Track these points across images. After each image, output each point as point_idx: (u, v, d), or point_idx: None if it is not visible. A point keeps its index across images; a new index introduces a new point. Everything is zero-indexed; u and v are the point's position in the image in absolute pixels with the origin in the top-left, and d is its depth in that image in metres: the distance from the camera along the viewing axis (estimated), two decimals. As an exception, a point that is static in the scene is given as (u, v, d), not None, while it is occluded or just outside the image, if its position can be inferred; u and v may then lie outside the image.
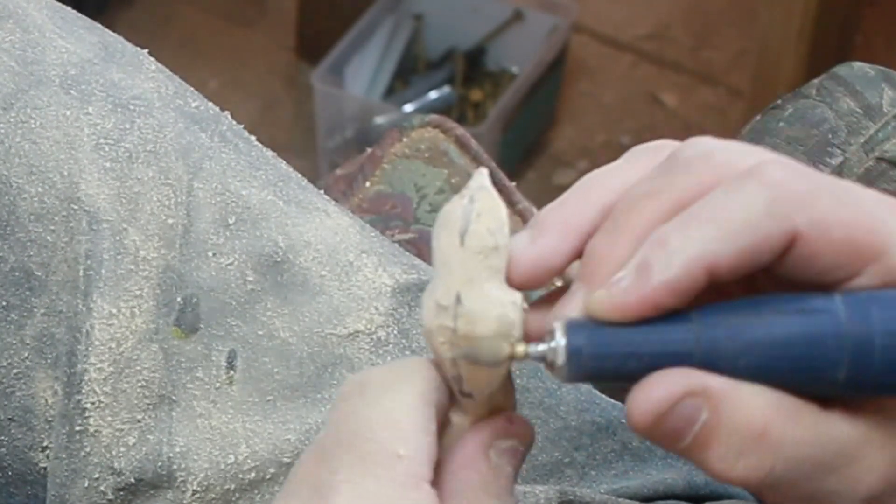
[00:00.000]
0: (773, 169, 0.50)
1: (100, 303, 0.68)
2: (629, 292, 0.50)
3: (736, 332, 0.50)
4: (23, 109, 0.70)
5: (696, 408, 0.49)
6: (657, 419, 0.49)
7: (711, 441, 0.50)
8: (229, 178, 0.72)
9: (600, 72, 2.17)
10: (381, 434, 0.50)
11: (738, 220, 0.50)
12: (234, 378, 0.70)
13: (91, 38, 0.74)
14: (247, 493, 0.70)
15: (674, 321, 0.50)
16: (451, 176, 0.99)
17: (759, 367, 0.50)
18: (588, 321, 0.51)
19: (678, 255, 0.49)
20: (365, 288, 0.72)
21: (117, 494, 0.69)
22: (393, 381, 0.52)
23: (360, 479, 0.50)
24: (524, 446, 0.53)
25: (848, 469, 0.50)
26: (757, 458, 0.50)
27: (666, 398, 0.49)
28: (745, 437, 0.49)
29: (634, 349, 0.50)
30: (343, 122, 2.03)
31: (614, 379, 0.51)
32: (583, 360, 0.50)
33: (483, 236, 0.52)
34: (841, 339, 0.50)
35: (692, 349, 0.50)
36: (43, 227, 0.69)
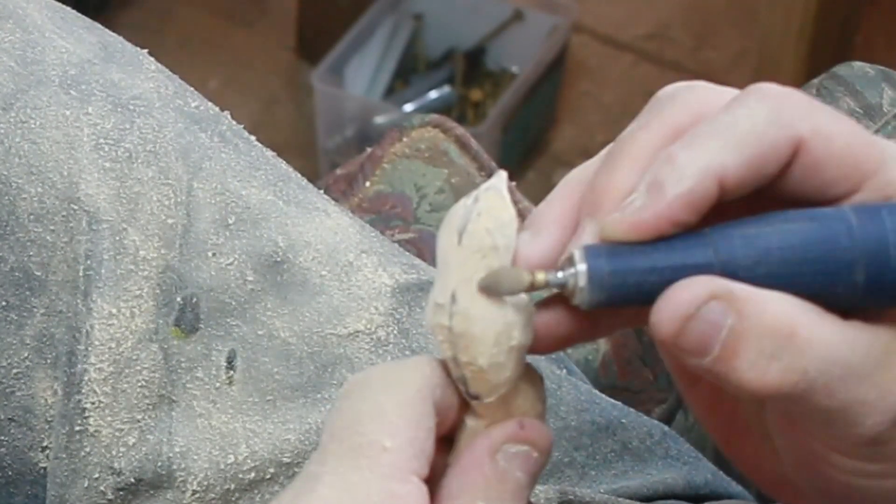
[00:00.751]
0: (770, 86, 0.51)
1: (99, 303, 0.68)
2: (644, 210, 0.50)
3: (752, 241, 0.50)
4: (23, 109, 0.70)
5: (722, 312, 0.49)
6: (682, 325, 0.49)
7: (740, 347, 0.49)
8: (229, 178, 0.71)
9: (600, 72, 2.17)
10: (369, 427, 0.50)
11: (744, 131, 0.50)
12: (234, 378, 0.70)
13: (91, 38, 0.74)
14: (247, 493, 0.70)
15: (689, 236, 0.50)
16: (451, 176, 0.99)
17: (777, 275, 0.50)
18: (603, 246, 0.51)
19: (689, 168, 0.50)
20: (365, 288, 0.72)
21: (117, 494, 0.69)
22: (391, 377, 0.52)
23: (345, 471, 0.50)
24: (538, 452, 0.52)
25: (877, 376, 0.50)
26: (789, 360, 0.49)
27: (691, 301, 0.49)
28: (775, 339, 0.49)
29: (654, 264, 0.50)
30: (343, 122, 2.03)
31: (636, 298, 0.51)
32: (604, 279, 0.50)
33: (481, 236, 0.52)
34: (854, 239, 0.50)
35: (711, 260, 0.50)
36: (43, 227, 0.69)
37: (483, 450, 0.52)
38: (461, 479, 0.51)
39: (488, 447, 0.52)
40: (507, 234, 0.52)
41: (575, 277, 0.51)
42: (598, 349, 0.97)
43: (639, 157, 0.52)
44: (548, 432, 0.53)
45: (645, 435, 0.77)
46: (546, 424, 0.53)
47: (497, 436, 0.52)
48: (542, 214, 0.53)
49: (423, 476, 0.50)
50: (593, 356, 0.97)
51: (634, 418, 0.77)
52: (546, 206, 0.54)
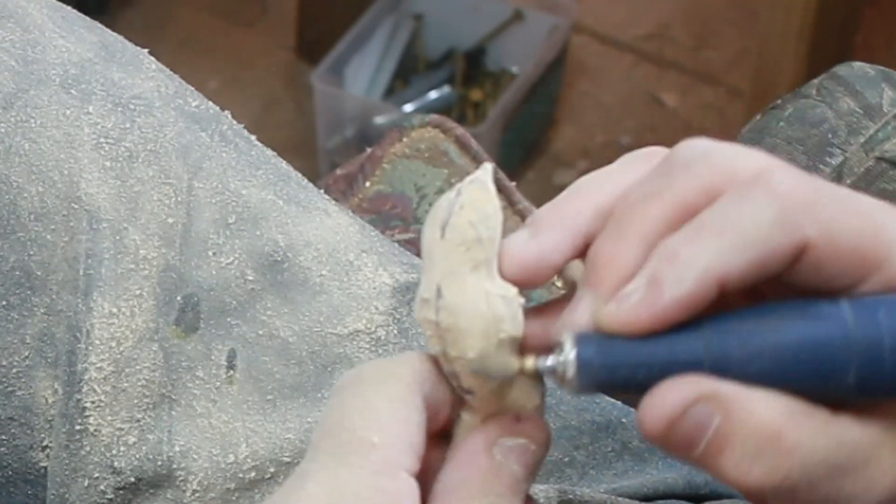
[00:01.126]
0: (780, 177, 0.50)
1: (100, 302, 0.68)
2: (640, 308, 0.50)
3: (745, 339, 0.50)
4: (23, 109, 0.70)
5: (709, 413, 0.49)
6: (669, 425, 0.49)
7: (725, 447, 0.49)
8: (229, 178, 0.71)
9: (600, 72, 2.17)
10: (358, 423, 0.50)
11: (748, 232, 0.50)
12: (234, 377, 0.70)
13: (91, 37, 0.74)
14: (247, 492, 0.70)
15: (683, 330, 0.50)
16: (451, 176, 0.99)
17: (769, 373, 0.50)
18: (596, 334, 0.51)
19: (690, 270, 0.49)
20: (365, 287, 0.72)
21: (117, 494, 0.69)
22: (381, 373, 0.52)
23: (334, 467, 0.50)
24: (536, 446, 0.52)
25: (863, 471, 0.50)
26: (773, 462, 0.49)
27: (678, 403, 0.49)
28: (759, 441, 0.49)
29: (645, 360, 0.50)
30: (343, 122, 2.03)
31: (625, 389, 0.51)
32: (593, 371, 0.50)
33: (463, 228, 0.51)
34: (849, 341, 0.50)
35: (702, 357, 0.50)
36: (43, 226, 0.69)
37: (478, 444, 0.52)
38: (457, 474, 0.51)
39: (484, 441, 0.52)
40: (491, 227, 0.52)
41: (564, 366, 0.51)
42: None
43: (645, 234, 0.51)
44: (545, 425, 0.53)
45: (645, 434, 0.77)
46: (543, 417, 0.53)
47: (493, 429, 0.52)
48: (544, 216, 0.53)
49: (413, 471, 0.50)
50: (593, 356, 0.97)
51: (634, 418, 0.77)
52: (550, 208, 0.54)
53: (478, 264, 0.52)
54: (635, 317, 0.50)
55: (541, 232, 0.52)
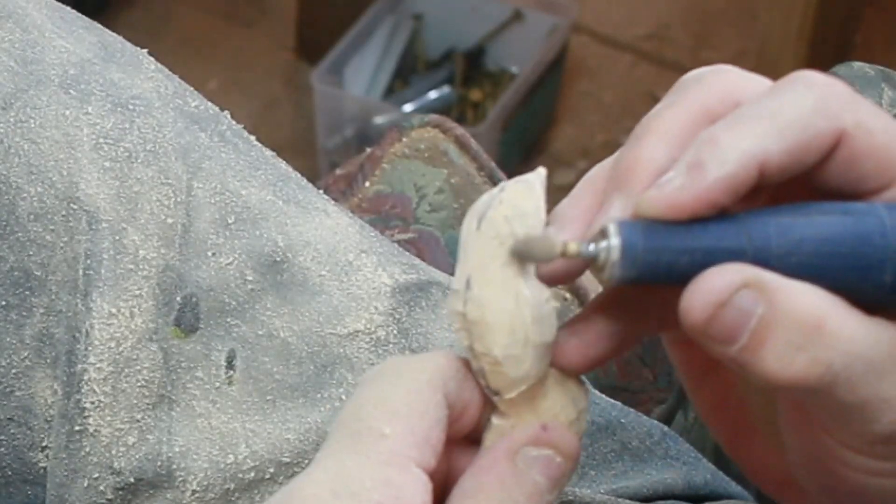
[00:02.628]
0: (816, 74, 0.51)
1: (99, 302, 0.68)
2: (684, 190, 0.49)
3: (786, 231, 0.50)
4: (22, 109, 0.70)
5: (754, 300, 0.49)
6: (715, 312, 0.49)
7: (768, 336, 0.49)
8: (229, 178, 0.71)
9: (600, 72, 2.17)
10: (371, 413, 0.50)
11: (790, 118, 0.50)
12: (234, 378, 0.70)
13: (90, 37, 0.74)
14: (246, 492, 0.70)
15: (724, 220, 0.50)
16: (451, 176, 0.99)
17: (809, 266, 0.50)
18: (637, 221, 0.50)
19: (732, 151, 0.49)
20: (364, 287, 0.72)
21: (117, 494, 0.69)
22: (402, 367, 0.51)
23: (342, 455, 0.49)
24: (562, 457, 0.51)
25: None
26: (815, 352, 0.49)
27: (724, 289, 0.49)
28: (803, 331, 0.49)
29: (688, 245, 0.50)
30: (343, 122, 2.03)
31: (665, 278, 0.50)
32: (638, 256, 0.50)
33: (499, 223, 0.51)
34: (887, 238, 0.50)
35: (744, 246, 0.50)
36: (42, 226, 0.69)
37: (502, 449, 0.51)
38: (477, 479, 0.51)
39: (507, 447, 0.51)
40: (528, 225, 0.51)
41: (608, 251, 0.50)
42: (597, 349, 0.97)
43: (667, 133, 0.51)
44: (574, 437, 0.52)
45: (644, 435, 0.77)
46: (572, 432, 0.52)
47: (518, 437, 0.51)
48: (566, 210, 0.53)
49: (427, 467, 0.50)
50: (593, 356, 0.97)
51: (634, 418, 0.77)
52: (570, 201, 0.53)
53: (509, 261, 0.51)
54: (678, 199, 0.49)
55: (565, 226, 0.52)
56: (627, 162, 0.52)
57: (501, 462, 0.51)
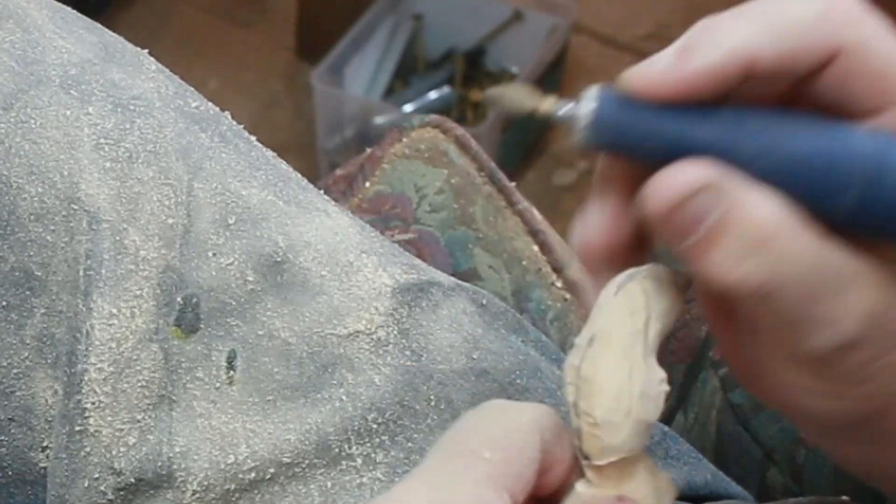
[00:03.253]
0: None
1: (100, 303, 0.68)
2: (667, 72, 0.50)
3: (759, 133, 0.50)
4: (23, 109, 0.70)
5: (711, 203, 0.49)
6: (671, 209, 0.49)
7: (719, 240, 0.49)
8: (229, 179, 0.72)
9: (600, 72, 2.17)
10: (473, 439, 0.51)
11: (789, 20, 0.50)
12: (234, 378, 0.70)
13: (91, 38, 0.74)
14: (247, 493, 0.70)
15: (701, 111, 0.50)
16: (451, 176, 0.99)
17: (773, 173, 0.50)
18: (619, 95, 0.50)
19: (722, 42, 0.50)
20: (365, 288, 0.72)
21: (117, 494, 0.69)
22: (507, 407, 0.53)
23: (440, 470, 0.50)
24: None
25: (836, 299, 0.50)
26: (759, 262, 0.49)
27: (683, 188, 0.49)
28: (753, 239, 0.49)
29: (658, 127, 0.50)
30: (343, 122, 2.03)
31: (630, 153, 0.51)
32: (605, 125, 0.50)
33: (636, 294, 0.52)
34: (855, 163, 0.50)
35: (714, 141, 0.50)
36: (43, 227, 0.69)
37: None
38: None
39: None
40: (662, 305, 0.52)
41: (578, 115, 0.50)
42: (597, 349, 0.97)
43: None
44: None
45: (645, 435, 0.77)
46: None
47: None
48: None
49: (516, 501, 0.50)
50: (593, 356, 0.97)
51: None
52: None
53: (635, 332, 0.52)
54: (660, 79, 0.50)
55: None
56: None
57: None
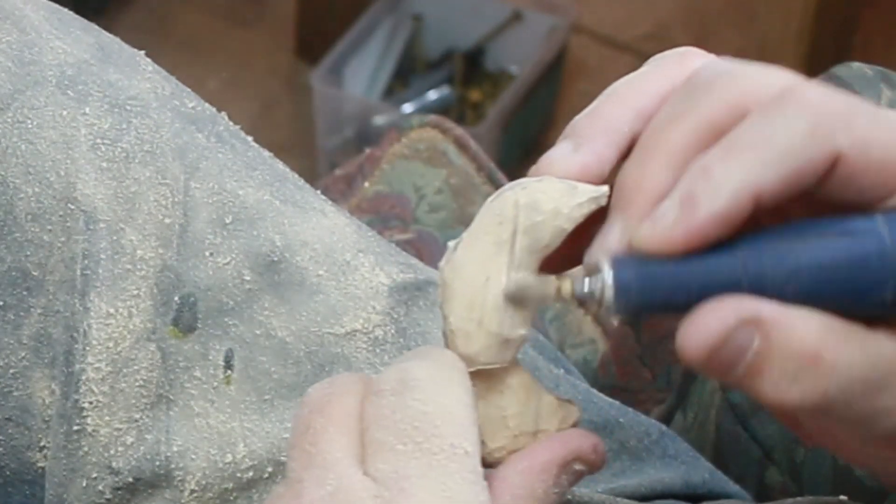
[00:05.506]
0: (808, 91, 0.50)
1: (97, 302, 0.68)
2: (676, 226, 0.49)
3: (781, 258, 0.50)
4: (20, 110, 0.70)
5: (749, 336, 0.49)
6: (711, 351, 0.49)
7: (764, 368, 0.49)
8: (226, 178, 0.71)
9: (599, 72, 2.17)
10: (445, 430, 0.50)
11: (781, 145, 0.49)
12: (232, 377, 0.70)
13: (88, 38, 0.74)
14: (244, 492, 0.70)
15: (719, 251, 0.50)
16: (450, 176, 0.99)
17: (806, 292, 0.50)
18: (632, 256, 0.50)
19: (725, 186, 0.49)
20: (362, 287, 0.72)
21: (115, 494, 0.69)
22: (440, 377, 0.52)
23: (438, 476, 0.50)
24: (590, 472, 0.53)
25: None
26: (811, 382, 0.49)
27: (720, 329, 0.49)
28: (797, 362, 0.49)
29: (682, 281, 0.50)
30: (342, 123, 2.03)
31: (662, 312, 0.51)
32: (631, 295, 0.50)
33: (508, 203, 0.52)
34: (885, 258, 0.50)
35: (739, 278, 0.50)
36: (40, 226, 0.69)
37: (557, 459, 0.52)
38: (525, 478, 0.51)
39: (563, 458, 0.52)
40: (534, 221, 0.51)
41: (602, 289, 0.50)
42: (596, 349, 0.97)
43: (672, 155, 0.51)
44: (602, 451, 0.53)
45: (643, 434, 0.77)
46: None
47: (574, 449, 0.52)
48: (584, 126, 0.52)
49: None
50: (592, 356, 0.97)
51: (632, 417, 0.77)
52: (588, 117, 0.53)
53: (500, 243, 0.51)
54: (671, 236, 0.49)
55: (583, 144, 0.52)
56: (631, 184, 0.51)
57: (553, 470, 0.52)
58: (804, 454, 0.82)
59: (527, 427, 0.53)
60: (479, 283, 0.51)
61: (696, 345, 0.49)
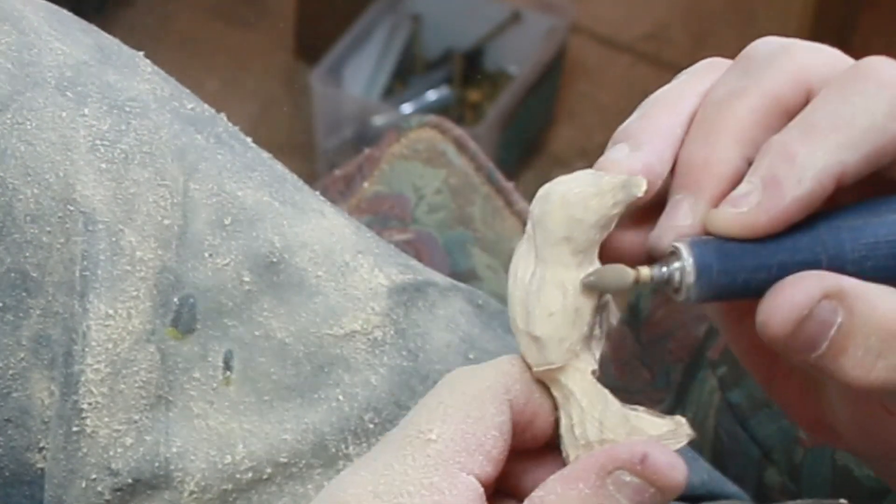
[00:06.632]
0: (884, 66, 0.50)
1: (96, 304, 0.68)
2: (760, 210, 0.49)
3: (859, 234, 0.50)
4: (19, 111, 0.70)
5: (833, 310, 0.49)
6: (796, 325, 0.49)
7: (849, 344, 0.49)
8: (225, 179, 0.72)
9: (598, 72, 2.17)
10: (423, 418, 0.50)
11: (864, 125, 0.49)
12: (231, 378, 0.70)
13: (87, 40, 0.74)
14: (244, 493, 0.70)
15: (797, 229, 0.50)
16: (449, 176, 0.99)
17: (886, 268, 0.50)
18: (708, 237, 0.50)
19: (809, 169, 0.49)
20: (361, 288, 0.72)
21: (114, 495, 0.69)
22: (465, 374, 0.51)
23: (389, 458, 0.50)
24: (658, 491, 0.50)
25: None
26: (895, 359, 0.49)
27: (804, 303, 0.49)
28: (882, 338, 0.49)
29: (763, 261, 0.49)
30: (341, 123, 2.03)
31: (742, 294, 0.50)
32: (713, 277, 0.49)
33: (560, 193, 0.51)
34: None
35: (819, 256, 0.50)
36: (39, 228, 0.69)
37: (594, 466, 0.50)
38: (557, 488, 0.50)
39: (601, 465, 0.50)
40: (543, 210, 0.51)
41: (681, 273, 0.50)
42: (595, 349, 0.97)
43: (739, 131, 0.51)
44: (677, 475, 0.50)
45: (641, 435, 0.77)
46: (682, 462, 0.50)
47: (615, 456, 0.50)
48: (639, 130, 0.52)
49: (481, 473, 0.50)
50: (591, 356, 0.97)
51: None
52: (641, 122, 0.52)
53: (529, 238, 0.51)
54: (755, 220, 0.49)
55: (642, 145, 0.51)
56: (698, 161, 0.51)
57: (590, 478, 0.50)
58: (803, 454, 0.82)
59: (592, 436, 0.51)
60: (512, 280, 0.51)
61: (781, 319, 0.49)
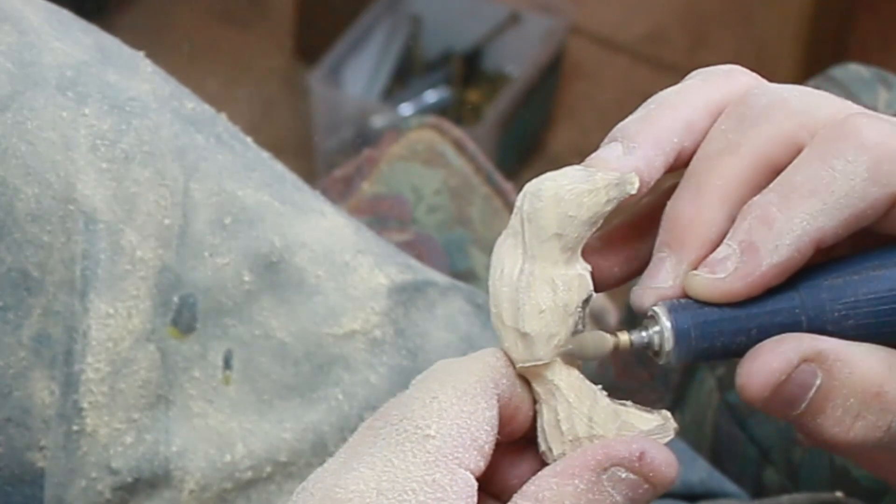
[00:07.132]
0: (865, 128, 0.50)
1: (97, 303, 0.68)
2: (737, 276, 0.49)
3: (840, 293, 0.50)
4: (19, 111, 0.70)
5: (811, 373, 0.49)
6: (774, 390, 0.49)
7: (827, 405, 0.49)
8: (225, 179, 0.72)
9: (597, 73, 2.17)
10: (417, 413, 0.50)
11: (842, 191, 0.49)
12: (231, 378, 0.70)
13: (87, 40, 0.74)
14: (243, 492, 0.70)
15: (776, 291, 0.50)
16: (448, 177, 0.99)
17: (866, 326, 0.50)
18: (688, 300, 0.50)
19: (786, 235, 0.49)
20: (361, 288, 0.72)
21: (115, 494, 0.69)
22: (453, 367, 0.51)
23: (389, 454, 0.49)
24: (651, 486, 0.50)
25: None
26: (874, 417, 0.49)
27: (782, 368, 0.49)
28: (861, 398, 0.49)
29: (742, 325, 0.49)
30: (340, 124, 2.03)
31: (721, 355, 0.50)
32: (691, 342, 0.50)
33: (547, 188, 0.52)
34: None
35: (799, 317, 0.50)
36: (39, 227, 0.69)
37: (590, 461, 0.50)
38: (553, 483, 0.50)
39: (596, 461, 0.50)
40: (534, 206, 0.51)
41: (660, 339, 0.50)
42: (594, 349, 0.97)
43: (726, 191, 0.50)
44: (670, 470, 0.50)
45: (640, 434, 0.77)
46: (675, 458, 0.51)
47: (612, 453, 0.50)
48: (636, 131, 0.52)
49: (475, 469, 0.50)
50: (590, 357, 0.97)
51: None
52: (639, 123, 0.52)
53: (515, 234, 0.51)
54: (732, 286, 0.49)
55: (635, 148, 0.51)
56: (683, 219, 0.51)
57: (586, 474, 0.50)
58: (801, 454, 0.82)
59: (580, 432, 0.51)
60: (497, 275, 0.51)
61: (759, 384, 0.49)
